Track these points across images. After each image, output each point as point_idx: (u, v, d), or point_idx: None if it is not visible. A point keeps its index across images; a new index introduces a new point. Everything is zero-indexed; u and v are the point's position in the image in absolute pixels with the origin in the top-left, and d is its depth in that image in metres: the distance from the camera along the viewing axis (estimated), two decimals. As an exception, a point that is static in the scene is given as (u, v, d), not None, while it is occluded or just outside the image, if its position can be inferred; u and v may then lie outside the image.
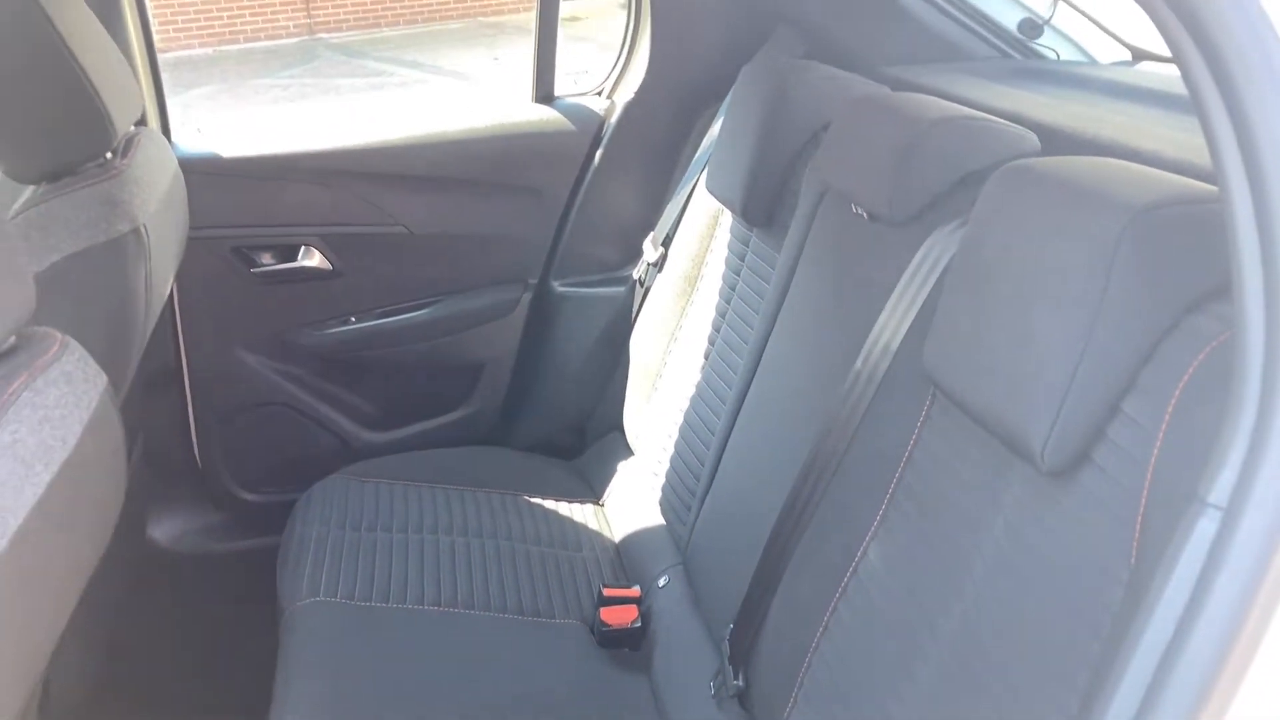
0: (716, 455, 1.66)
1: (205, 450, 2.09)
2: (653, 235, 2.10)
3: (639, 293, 2.11)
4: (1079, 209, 0.90)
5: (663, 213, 2.11)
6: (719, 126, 1.92)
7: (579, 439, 2.28)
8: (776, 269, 1.59)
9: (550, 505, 1.94)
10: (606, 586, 1.68)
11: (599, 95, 2.20)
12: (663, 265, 2.02)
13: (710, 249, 1.88)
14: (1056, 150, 1.25)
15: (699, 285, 1.89)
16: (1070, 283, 0.88)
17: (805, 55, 1.89)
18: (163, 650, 1.98)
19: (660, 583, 1.70)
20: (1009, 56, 1.86)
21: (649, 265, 2.08)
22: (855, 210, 1.38)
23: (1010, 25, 1.85)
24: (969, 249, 1.03)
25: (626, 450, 2.06)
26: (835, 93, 1.60)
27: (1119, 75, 1.71)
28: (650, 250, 2.08)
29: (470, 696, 1.47)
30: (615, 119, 2.12)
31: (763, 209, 1.66)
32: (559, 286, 2.19)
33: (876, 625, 1.13)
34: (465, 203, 2.09)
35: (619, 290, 2.19)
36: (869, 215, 1.35)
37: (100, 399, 0.93)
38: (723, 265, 1.81)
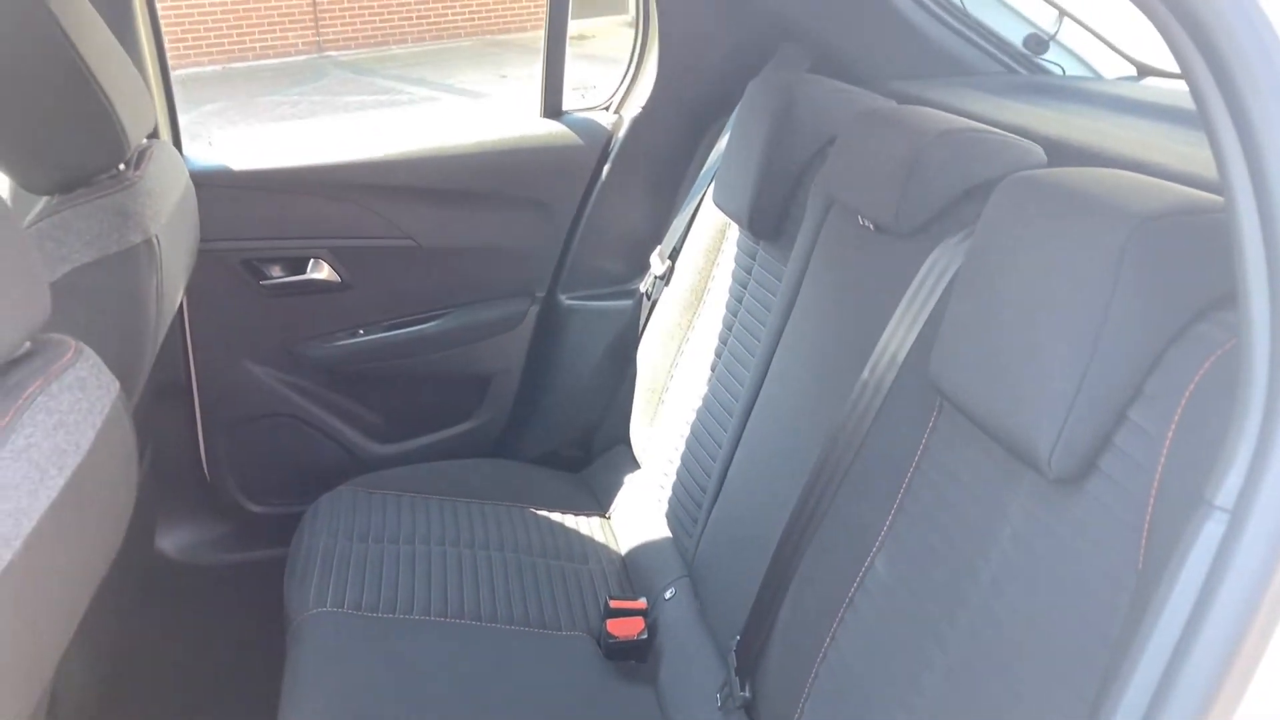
0: (723, 467, 1.67)
1: (213, 461, 2.10)
2: (659, 249, 2.11)
3: (646, 306, 2.11)
4: (1084, 219, 0.90)
5: (669, 226, 2.12)
6: (725, 141, 1.93)
7: (585, 452, 2.28)
8: (783, 282, 1.60)
9: (557, 518, 1.94)
10: (613, 599, 1.68)
11: (607, 110, 2.22)
12: (669, 279, 2.03)
13: (717, 262, 1.89)
14: (1062, 163, 1.26)
15: (705, 298, 1.89)
16: (1076, 291, 0.88)
17: (811, 70, 1.91)
18: (170, 660, 1.98)
19: (666, 595, 1.70)
20: (1015, 72, 1.87)
21: (656, 279, 2.09)
22: (862, 222, 1.39)
23: (1016, 40, 1.87)
24: (975, 259, 1.03)
25: (633, 463, 2.07)
26: (841, 107, 1.61)
27: (1124, 90, 1.72)
28: (657, 264, 2.09)
29: (476, 708, 1.47)
30: (623, 133, 2.13)
31: (769, 222, 1.67)
32: (566, 299, 2.20)
33: (883, 635, 1.13)
34: (473, 216, 2.11)
35: (626, 304, 2.20)
36: (875, 227, 1.36)
37: (113, 405, 0.93)
38: (729, 278, 1.82)
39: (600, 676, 1.58)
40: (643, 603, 1.67)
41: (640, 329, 2.12)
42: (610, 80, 2.25)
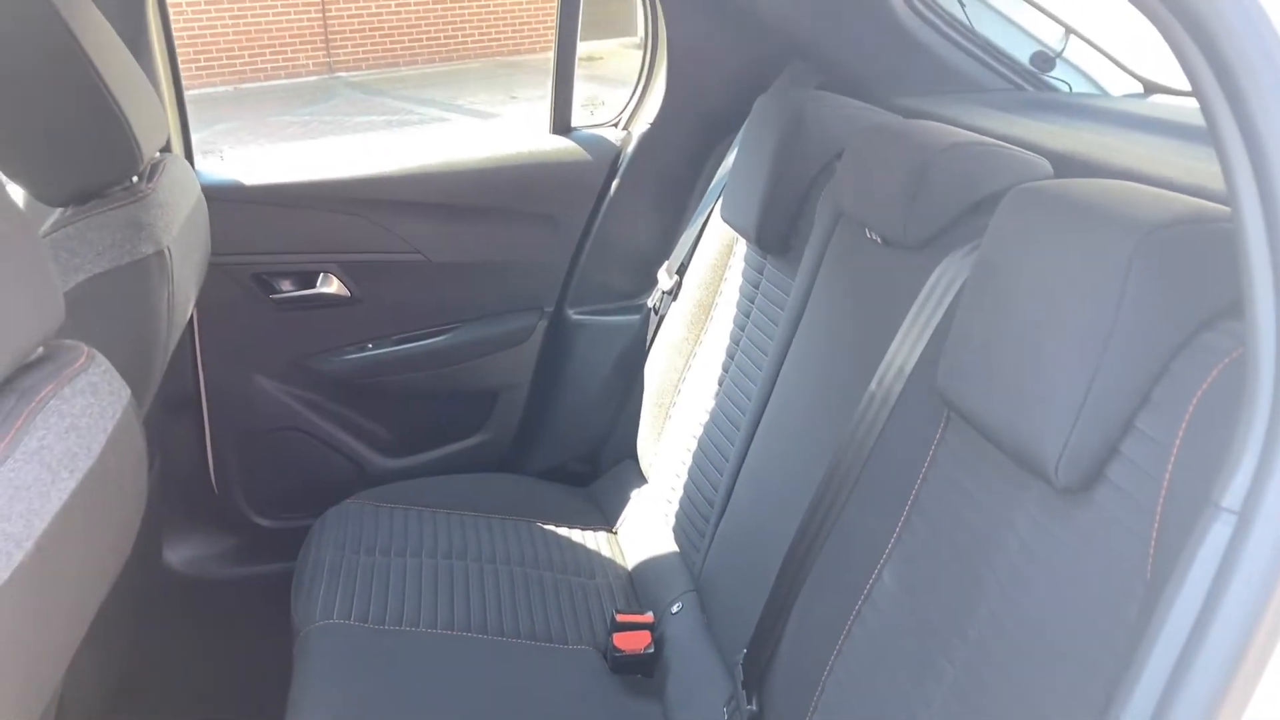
0: (730, 482, 1.67)
1: (221, 475, 2.10)
2: (667, 264, 2.12)
3: (653, 321, 2.12)
4: (1092, 228, 0.91)
5: (677, 242, 2.13)
6: (733, 157, 1.94)
7: (593, 466, 2.28)
8: (791, 295, 1.60)
9: (564, 532, 1.94)
10: (619, 613, 1.67)
11: (615, 126, 2.23)
12: (677, 293, 2.03)
13: (725, 277, 1.89)
14: (1068, 176, 1.26)
15: (713, 313, 1.90)
16: (1083, 301, 0.89)
17: (819, 87, 1.92)
18: (177, 673, 1.98)
19: (673, 609, 1.69)
20: (1021, 89, 1.88)
21: (664, 293, 2.09)
22: (869, 235, 1.39)
23: (1022, 58, 1.87)
24: (983, 269, 1.03)
25: (640, 478, 2.07)
26: (849, 122, 1.62)
27: (1131, 107, 1.72)
28: (665, 279, 2.10)
29: (482, 721, 1.47)
30: (631, 149, 2.15)
31: (777, 236, 1.68)
32: (574, 314, 2.21)
33: (891, 647, 1.13)
34: (482, 231, 2.12)
35: (634, 318, 2.20)
36: (883, 240, 1.36)
37: (124, 411, 0.94)
38: (737, 293, 1.83)
39: (606, 690, 1.57)
40: (649, 617, 1.67)
41: (648, 344, 2.12)
42: (618, 101, 2.27)
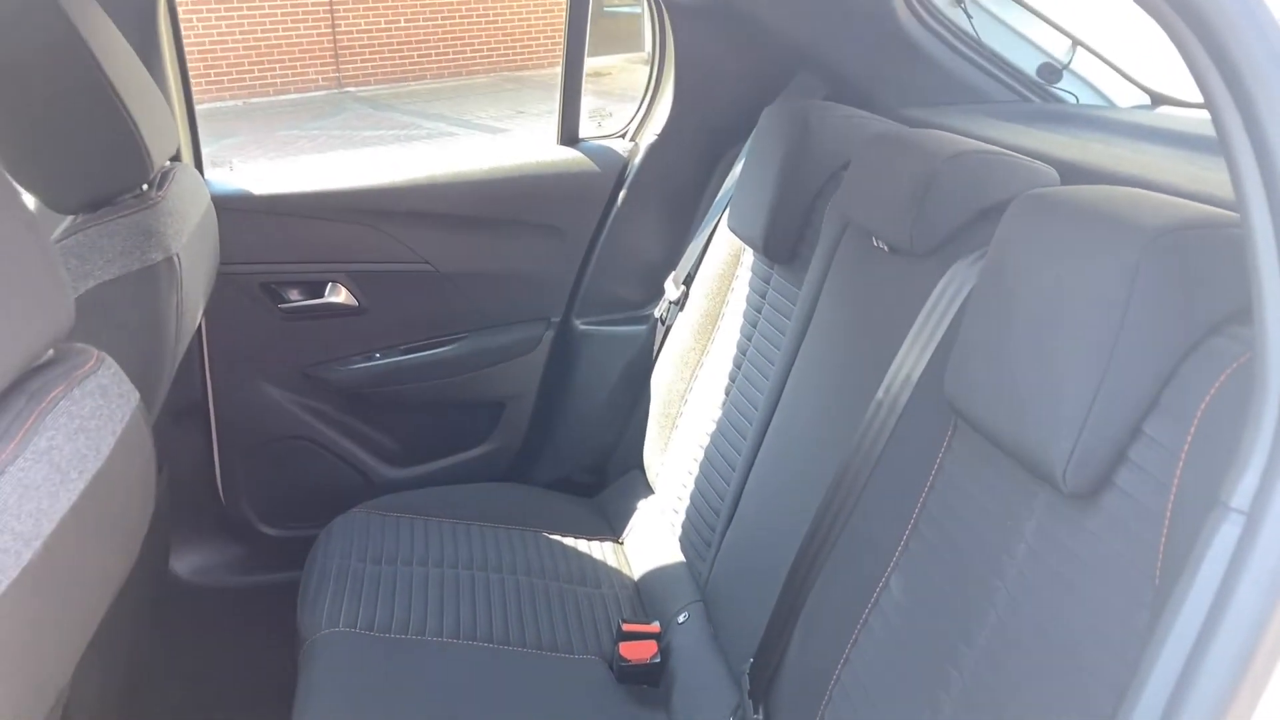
0: (737, 492, 1.66)
1: (228, 484, 2.10)
2: (674, 274, 2.12)
3: (660, 331, 2.12)
4: (1099, 234, 0.91)
5: (684, 252, 2.13)
6: (740, 167, 1.94)
7: (599, 477, 2.28)
8: (798, 304, 1.60)
9: (570, 542, 1.94)
10: (625, 622, 1.67)
11: (623, 138, 2.24)
12: (684, 304, 2.04)
13: (732, 287, 1.89)
14: (1076, 184, 1.26)
15: (720, 323, 1.90)
16: (1091, 306, 0.89)
17: (826, 98, 1.93)
18: (182, 682, 1.98)
19: (680, 619, 1.69)
20: (1028, 100, 1.89)
21: (670, 304, 2.09)
22: (876, 244, 1.39)
23: (1029, 69, 1.88)
24: (990, 275, 1.04)
25: (646, 488, 2.06)
26: (856, 132, 1.62)
27: (1138, 118, 1.72)
28: (672, 289, 2.10)
29: (488, 730, 1.47)
30: (638, 160, 2.15)
31: (784, 246, 1.68)
32: (581, 324, 2.21)
33: (899, 655, 1.12)
34: (490, 241, 2.12)
35: (640, 329, 2.20)
36: (890, 248, 1.36)
37: (133, 415, 0.94)
38: (744, 303, 1.83)
39: (612, 700, 1.57)
40: (656, 626, 1.67)
41: (654, 354, 2.12)
42: (625, 115, 2.28)
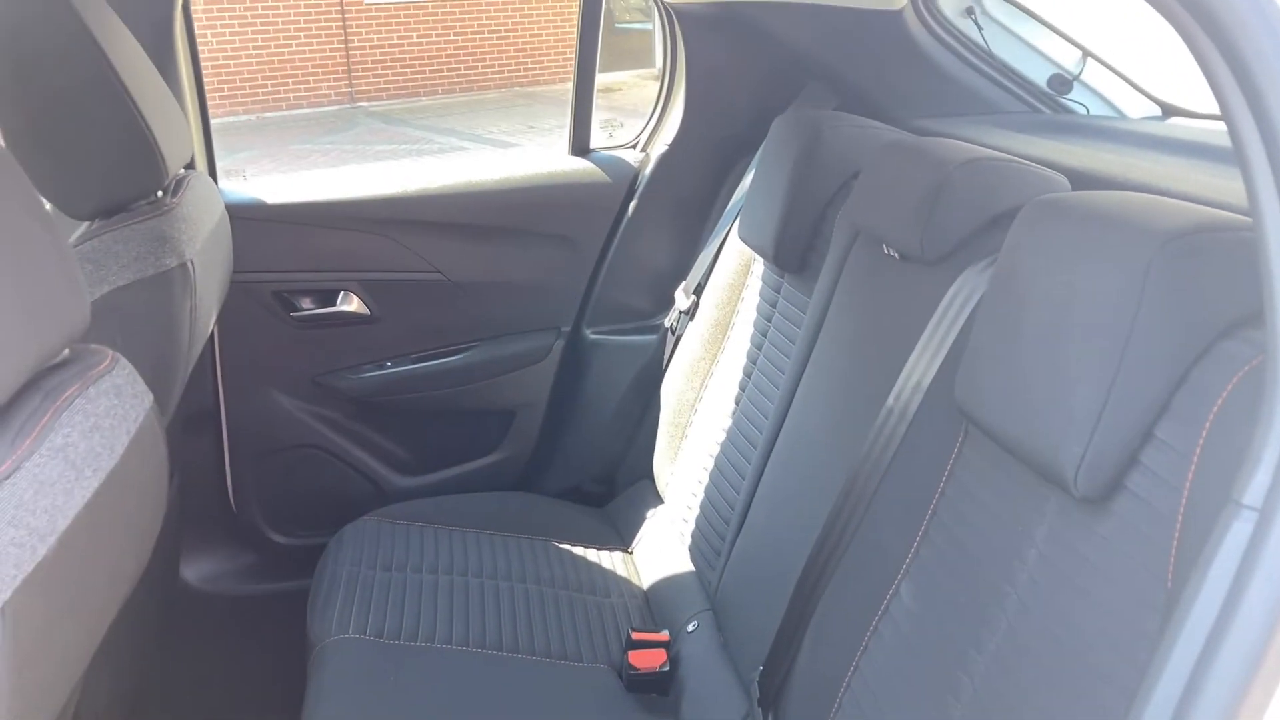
0: (746, 500, 1.66)
1: (239, 492, 2.11)
2: (684, 284, 2.12)
3: (670, 341, 2.12)
4: (1109, 237, 0.91)
5: (694, 262, 2.14)
6: (751, 177, 1.95)
7: (609, 487, 2.28)
8: (807, 313, 1.60)
9: (579, 551, 1.94)
10: (635, 631, 1.67)
11: (634, 148, 2.25)
12: (694, 313, 2.04)
13: (742, 297, 1.90)
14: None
15: (730, 333, 1.90)
16: (1101, 309, 0.88)
17: (836, 109, 1.93)
18: (193, 689, 1.98)
19: (689, 628, 1.68)
20: (1038, 111, 1.89)
21: (681, 313, 2.10)
22: (886, 251, 1.40)
23: (1040, 80, 1.88)
24: (1000, 280, 1.04)
25: (656, 498, 2.06)
26: (866, 141, 1.63)
27: (1149, 128, 1.72)
28: (682, 299, 2.10)
29: (496, 737, 1.46)
30: (649, 171, 2.16)
31: (794, 254, 1.68)
32: (591, 334, 2.22)
33: (909, 662, 1.12)
34: (501, 251, 2.13)
35: (651, 338, 2.21)
36: (900, 256, 1.37)
37: (147, 415, 0.95)
38: (754, 312, 1.83)
39: (621, 709, 1.56)
40: (665, 635, 1.66)
41: (664, 364, 2.12)
42: (636, 128, 2.29)
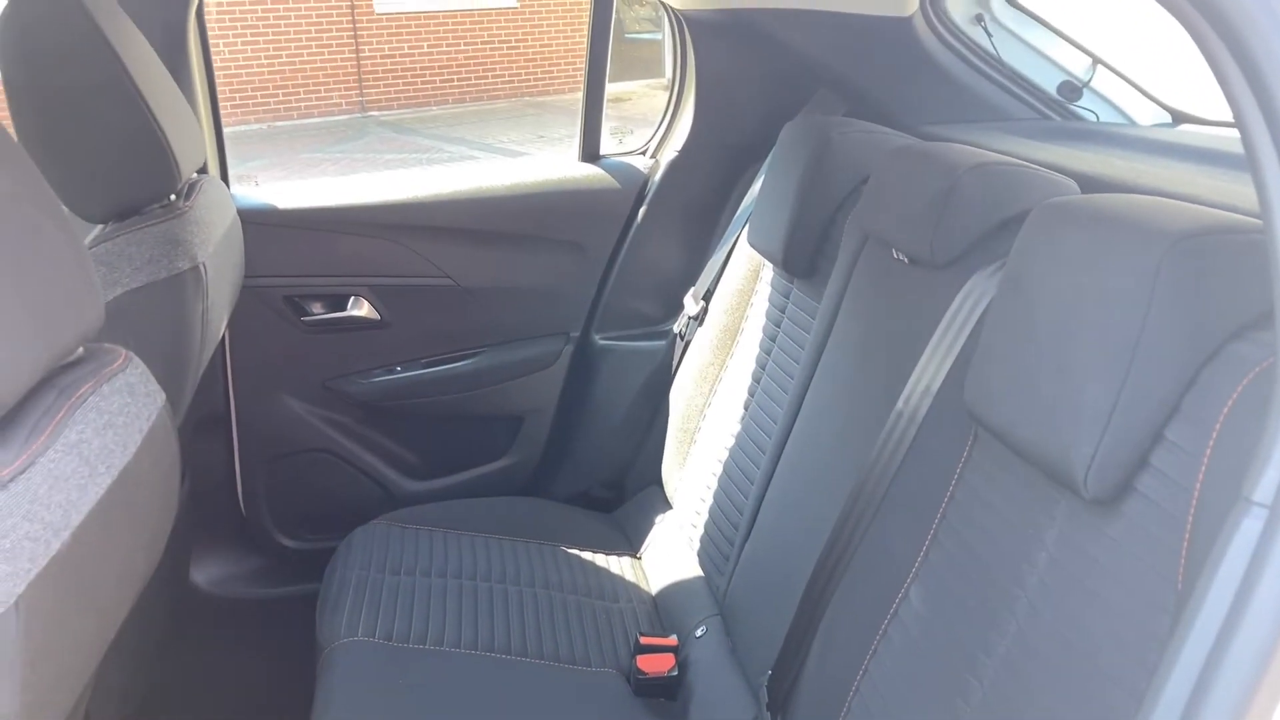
0: (755, 505, 1.66)
1: (249, 495, 2.12)
2: (694, 290, 2.13)
3: (679, 346, 2.13)
4: (1119, 239, 0.91)
5: (704, 268, 2.14)
6: (760, 183, 1.95)
7: (618, 493, 2.28)
8: (817, 318, 1.60)
9: (588, 556, 1.94)
10: (643, 635, 1.67)
11: (643, 155, 2.26)
12: (703, 319, 2.04)
13: (751, 302, 1.90)
14: None
15: (739, 338, 1.90)
16: (1111, 311, 0.88)
17: (845, 115, 1.93)
18: (202, 692, 1.98)
19: (697, 633, 1.68)
20: (1048, 118, 1.89)
21: (690, 319, 2.10)
22: (896, 256, 1.40)
23: (1049, 87, 1.88)
24: (1010, 283, 1.04)
25: (665, 504, 2.06)
26: (876, 147, 1.63)
27: (1159, 135, 1.72)
28: (691, 304, 2.11)
29: (504, 741, 1.46)
30: (659, 177, 2.17)
31: (804, 260, 1.68)
32: (600, 339, 2.22)
33: (918, 666, 1.11)
34: (511, 256, 2.14)
35: (659, 344, 2.21)
36: (910, 260, 1.37)
37: (159, 414, 0.96)
38: (763, 318, 1.83)
39: (629, 713, 1.56)
40: (673, 639, 1.66)
41: (673, 370, 2.13)
42: (646, 135, 2.30)
